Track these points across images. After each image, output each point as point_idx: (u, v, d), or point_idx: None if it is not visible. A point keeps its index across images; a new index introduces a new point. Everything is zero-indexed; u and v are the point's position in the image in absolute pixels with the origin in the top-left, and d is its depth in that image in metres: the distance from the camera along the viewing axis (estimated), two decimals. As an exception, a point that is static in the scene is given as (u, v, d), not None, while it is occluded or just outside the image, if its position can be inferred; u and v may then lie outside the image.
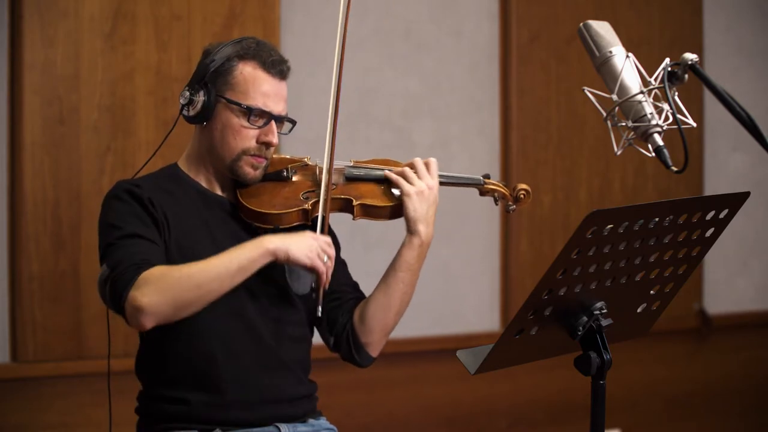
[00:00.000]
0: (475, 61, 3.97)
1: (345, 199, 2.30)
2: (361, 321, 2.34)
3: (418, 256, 2.31)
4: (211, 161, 2.29)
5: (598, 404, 1.84)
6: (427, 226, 2.30)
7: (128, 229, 2.15)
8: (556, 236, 4.07)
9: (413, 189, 2.30)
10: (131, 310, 2.06)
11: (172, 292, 2.06)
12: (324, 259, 2.13)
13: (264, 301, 2.28)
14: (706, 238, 1.91)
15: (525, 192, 2.41)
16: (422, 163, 2.35)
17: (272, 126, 2.26)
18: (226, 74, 2.24)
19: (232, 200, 2.32)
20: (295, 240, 2.12)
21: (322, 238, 2.16)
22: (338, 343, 2.37)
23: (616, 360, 1.87)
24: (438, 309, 3.86)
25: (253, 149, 2.25)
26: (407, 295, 2.33)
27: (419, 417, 3.87)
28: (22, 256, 3.18)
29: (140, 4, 3.31)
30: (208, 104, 2.23)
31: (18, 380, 3.19)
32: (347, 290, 2.41)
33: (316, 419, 2.35)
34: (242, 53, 2.24)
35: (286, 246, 2.10)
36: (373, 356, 2.38)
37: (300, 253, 2.11)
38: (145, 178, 2.31)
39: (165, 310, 2.06)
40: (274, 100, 2.25)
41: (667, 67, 1.81)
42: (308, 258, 2.11)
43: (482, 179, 2.43)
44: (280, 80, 2.27)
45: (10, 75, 3.18)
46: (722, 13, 4.45)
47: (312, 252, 2.12)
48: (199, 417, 2.21)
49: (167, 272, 2.08)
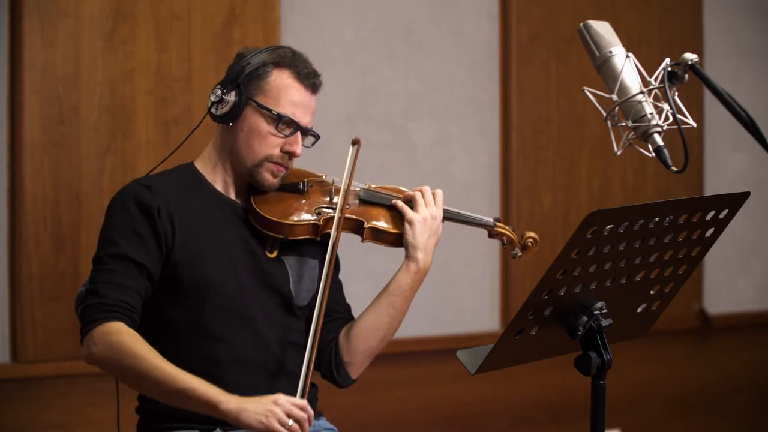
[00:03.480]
0: (475, 61, 3.97)
1: (357, 221, 2.31)
2: (346, 339, 2.34)
3: (412, 283, 2.30)
4: (232, 163, 2.29)
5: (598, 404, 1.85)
6: (425, 255, 2.29)
7: (123, 249, 2.16)
8: (556, 236, 4.07)
9: (417, 216, 2.29)
10: (84, 345, 2.14)
11: (116, 360, 2.09)
12: (287, 422, 2.01)
13: (270, 308, 2.29)
14: (706, 238, 1.91)
15: (533, 241, 2.41)
16: (429, 191, 2.34)
17: (298, 137, 2.26)
18: (260, 79, 2.24)
19: (244, 205, 2.31)
20: (252, 405, 2.02)
21: (291, 401, 2.05)
22: (319, 359, 2.36)
23: (616, 360, 1.87)
24: (438, 309, 3.86)
25: (276, 157, 2.25)
26: (396, 320, 2.33)
27: (419, 417, 3.87)
28: (22, 256, 3.17)
29: (140, 4, 3.31)
30: (237, 105, 2.22)
31: (18, 380, 3.19)
32: (338, 310, 2.41)
33: (316, 419, 2.35)
34: (278, 60, 2.25)
35: (238, 410, 2.01)
36: (353, 378, 2.37)
37: (251, 419, 2.00)
38: (159, 176, 2.30)
39: (103, 365, 2.13)
40: (303, 112, 2.25)
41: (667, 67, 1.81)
42: (261, 423, 2.00)
43: (493, 222, 2.42)
44: (311, 93, 2.28)
45: (10, 75, 3.18)
46: (722, 13, 4.45)
47: (269, 417, 2.00)
48: (200, 417, 2.21)
49: (127, 342, 2.08)
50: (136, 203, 2.21)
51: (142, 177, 2.31)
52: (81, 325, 2.15)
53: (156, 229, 2.19)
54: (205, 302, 2.23)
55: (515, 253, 2.42)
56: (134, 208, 2.20)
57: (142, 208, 2.20)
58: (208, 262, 2.23)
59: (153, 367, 2.06)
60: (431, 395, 3.88)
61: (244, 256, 2.28)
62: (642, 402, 4.28)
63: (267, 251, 2.31)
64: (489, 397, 3.95)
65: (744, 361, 4.50)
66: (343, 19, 3.70)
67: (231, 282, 2.25)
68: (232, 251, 2.25)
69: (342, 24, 3.70)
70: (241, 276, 2.26)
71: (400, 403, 3.82)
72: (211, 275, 2.23)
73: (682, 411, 4.39)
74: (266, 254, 2.31)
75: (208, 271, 2.23)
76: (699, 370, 4.42)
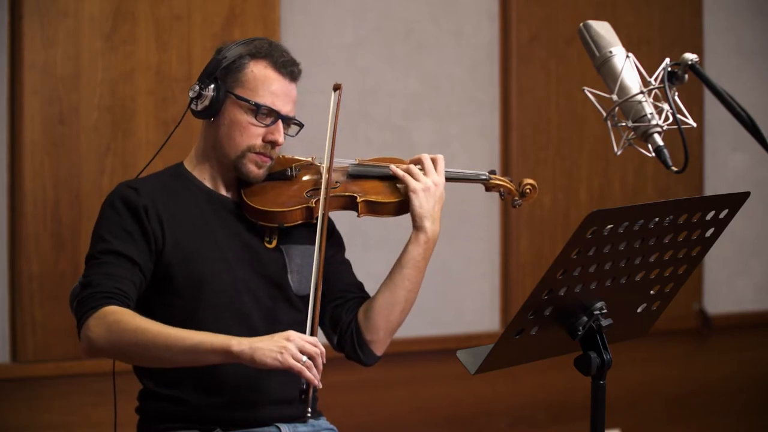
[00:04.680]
0: (475, 61, 3.97)
1: (348, 197, 2.29)
2: (365, 318, 2.32)
3: (424, 253, 2.29)
4: (216, 158, 2.29)
5: (598, 404, 1.84)
6: (433, 223, 2.29)
7: (113, 245, 2.17)
8: (556, 236, 4.06)
9: (419, 185, 2.28)
10: (82, 336, 2.11)
11: (118, 340, 2.06)
12: (302, 358, 2.01)
13: (267, 303, 2.28)
14: (706, 238, 1.91)
15: (531, 187, 2.42)
16: (429, 159, 2.33)
17: (279, 125, 2.26)
18: (237, 71, 2.25)
19: (236, 200, 2.32)
20: (265, 343, 2.02)
21: (302, 337, 2.04)
22: (342, 342, 2.35)
23: (616, 360, 1.87)
24: (438, 309, 3.86)
25: (258, 147, 2.25)
26: (412, 293, 2.32)
27: (419, 417, 3.87)
28: (22, 256, 3.18)
29: (140, 4, 3.31)
30: (216, 99, 2.24)
31: (18, 380, 3.19)
32: (351, 290, 2.40)
33: (316, 419, 2.35)
34: (254, 52, 2.26)
35: (252, 350, 2.00)
36: (378, 355, 2.35)
37: (266, 356, 1.99)
38: (148, 178, 2.31)
39: (105, 351, 2.10)
40: (282, 100, 2.26)
41: (667, 67, 1.81)
42: (277, 360, 1.99)
43: (488, 175, 2.43)
44: (290, 81, 2.29)
45: (10, 75, 3.18)
46: (722, 13, 4.45)
47: (284, 353, 2.00)
48: (200, 417, 2.21)
49: (125, 319, 2.06)
50: (124, 203, 2.22)
51: (130, 180, 2.32)
52: (76, 319, 2.14)
53: (144, 227, 2.20)
54: (200, 301, 2.22)
55: (515, 201, 2.43)
56: (122, 207, 2.21)
57: (129, 207, 2.21)
58: (201, 260, 2.22)
59: (156, 334, 2.04)
60: (431, 395, 3.88)
61: (238, 251, 2.27)
62: (642, 402, 4.28)
63: (266, 242, 2.31)
64: (489, 397, 3.95)
65: (744, 361, 4.50)
66: (343, 19, 3.70)
67: (225, 279, 2.24)
68: (226, 247, 2.25)
69: (342, 24, 3.70)
70: (237, 272, 2.26)
71: (400, 403, 3.82)
72: (205, 273, 2.23)
73: (682, 411, 4.39)
74: (265, 245, 2.30)
75: (201, 268, 2.22)
76: (699, 370, 4.42)
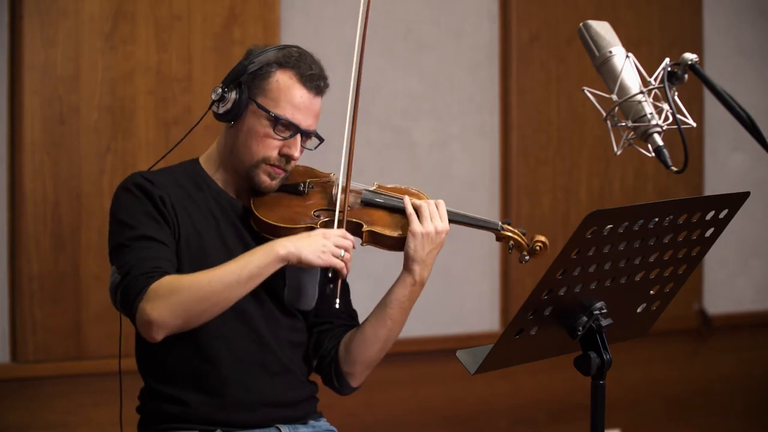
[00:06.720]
0: (475, 61, 3.97)
1: (356, 223, 2.26)
2: (345, 350, 2.32)
3: (410, 295, 2.26)
4: (232, 162, 2.27)
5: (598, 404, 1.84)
6: (423, 268, 2.25)
7: (140, 230, 2.14)
8: (556, 236, 4.06)
9: (420, 229, 2.23)
10: (142, 323, 2.06)
11: (182, 305, 2.04)
12: (340, 253, 2.10)
13: (269, 306, 2.27)
14: (706, 238, 1.91)
15: (542, 244, 2.35)
16: (433, 205, 2.27)
17: (296, 139, 2.22)
18: (262, 78, 2.20)
19: (246, 205, 2.29)
20: (307, 242, 2.09)
21: (334, 232, 2.12)
22: (321, 366, 2.36)
23: (616, 360, 1.87)
24: (438, 309, 3.86)
25: (273, 159, 2.22)
26: (393, 332, 2.30)
27: (419, 417, 3.87)
28: (22, 256, 3.18)
29: (140, 4, 3.31)
30: (238, 104, 2.20)
31: (18, 380, 3.19)
32: (342, 316, 2.39)
33: (316, 420, 2.35)
34: (282, 61, 2.21)
35: (298, 250, 2.07)
36: (354, 386, 2.36)
37: (312, 255, 2.07)
38: (162, 171, 2.28)
39: (175, 322, 2.06)
40: (304, 114, 2.22)
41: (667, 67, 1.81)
42: (321, 258, 2.08)
43: (500, 224, 2.35)
44: (315, 95, 2.24)
45: (10, 75, 3.18)
46: (722, 13, 4.45)
47: (325, 251, 2.08)
48: (200, 418, 2.21)
49: (177, 283, 2.05)
50: (141, 189, 2.19)
51: (143, 171, 2.29)
52: (127, 309, 2.09)
53: (163, 215, 2.18)
54: None
55: (524, 257, 2.36)
56: (140, 193, 2.19)
57: (147, 195, 2.19)
58: (208, 260, 2.21)
59: (211, 280, 2.05)
60: (431, 395, 3.88)
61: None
62: (642, 402, 4.28)
63: None
64: (489, 397, 3.95)
65: (743, 361, 4.50)
66: (343, 19, 3.70)
67: None
68: (232, 249, 2.24)
69: (342, 24, 3.70)
70: None
71: (400, 403, 3.82)
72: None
73: (682, 411, 4.39)
74: None
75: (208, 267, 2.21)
76: (699, 370, 4.42)
